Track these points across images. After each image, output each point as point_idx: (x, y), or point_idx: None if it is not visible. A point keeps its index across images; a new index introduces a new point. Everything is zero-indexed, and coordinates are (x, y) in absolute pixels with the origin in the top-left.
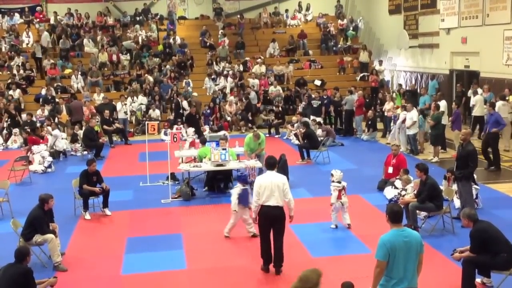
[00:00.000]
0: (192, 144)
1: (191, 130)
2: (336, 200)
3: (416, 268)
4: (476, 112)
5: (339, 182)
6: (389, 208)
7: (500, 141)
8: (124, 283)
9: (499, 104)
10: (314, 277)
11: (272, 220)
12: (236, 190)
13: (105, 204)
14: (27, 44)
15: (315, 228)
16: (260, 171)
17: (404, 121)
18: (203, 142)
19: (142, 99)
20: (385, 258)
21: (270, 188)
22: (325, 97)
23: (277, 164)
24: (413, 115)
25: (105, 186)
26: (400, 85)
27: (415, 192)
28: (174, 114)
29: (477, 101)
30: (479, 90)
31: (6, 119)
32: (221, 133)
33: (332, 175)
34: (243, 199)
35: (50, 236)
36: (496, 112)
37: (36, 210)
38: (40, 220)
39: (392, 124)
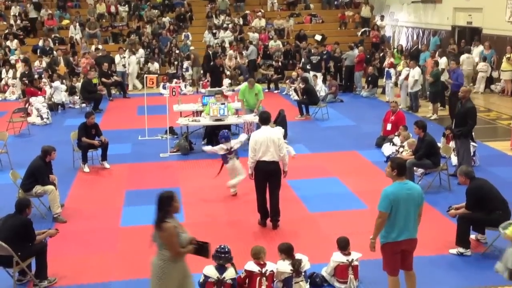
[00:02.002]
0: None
1: (227, 81)
2: None
3: (416, 219)
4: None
5: None
6: (396, 162)
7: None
8: (122, 235)
9: (463, 57)
10: None
11: (267, 174)
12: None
13: (104, 157)
14: None
15: (313, 184)
16: (258, 126)
17: (406, 78)
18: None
19: (141, 52)
20: (387, 210)
21: (265, 143)
22: (324, 52)
23: (276, 120)
24: (415, 73)
25: (104, 138)
26: (401, 45)
27: (412, 150)
28: (206, 66)
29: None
30: (481, 47)
31: None
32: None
33: None
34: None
35: (50, 187)
36: (459, 69)
37: (37, 160)
38: (42, 171)
39: (385, 80)
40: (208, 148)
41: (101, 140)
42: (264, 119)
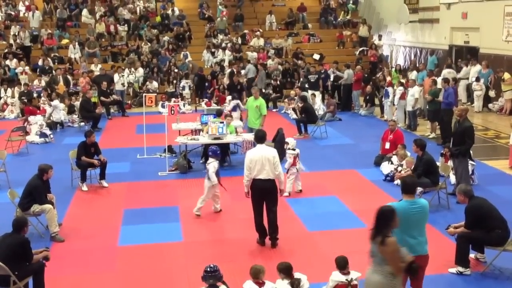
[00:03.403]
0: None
1: (228, 98)
2: (291, 167)
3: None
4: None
5: (294, 150)
6: (402, 180)
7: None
8: (120, 254)
9: (444, 72)
10: None
11: (264, 192)
12: (214, 164)
13: (102, 176)
14: (24, 13)
15: (311, 202)
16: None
17: (401, 97)
18: (219, 114)
19: (141, 71)
20: None
21: (261, 162)
22: (322, 71)
23: (274, 138)
24: (414, 92)
25: (103, 158)
26: (399, 65)
27: (410, 168)
28: (229, 82)
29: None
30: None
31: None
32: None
33: (287, 142)
34: (218, 174)
35: (48, 206)
36: (450, 87)
37: (35, 179)
38: (39, 190)
39: (384, 99)
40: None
41: (100, 160)
42: (260, 137)
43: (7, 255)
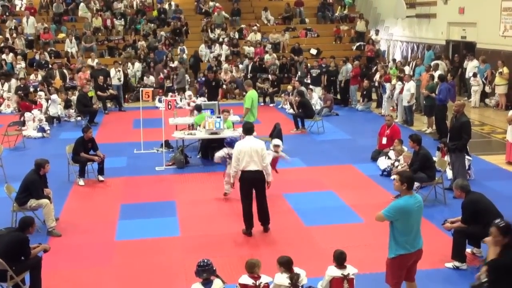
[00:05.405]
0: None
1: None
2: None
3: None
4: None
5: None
6: (404, 176)
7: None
8: (117, 249)
9: (434, 64)
10: None
11: (253, 183)
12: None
13: (101, 172)
14: (20, 8)
15: (308, 197)
16: None
17: (401, 91)
18: (199, 109)
19: (138, 66)
20: (388, 219)
21: (249, 153)
22: (323, 65)
23: (272, 133)
24: (410, 87)
25: (102, 154)
26: (396, 60)
27: (407, 163)
28: (205, 78)
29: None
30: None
31: None
32: None
33: (278, 146)
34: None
35: (45, 201)
36: (444, 84)
37: (32, 174)
38: (36, 185)
39: (382, 94)
40: (216, 155)
41: (100, 157)
42: (247, 129)
43: (4, 251)
